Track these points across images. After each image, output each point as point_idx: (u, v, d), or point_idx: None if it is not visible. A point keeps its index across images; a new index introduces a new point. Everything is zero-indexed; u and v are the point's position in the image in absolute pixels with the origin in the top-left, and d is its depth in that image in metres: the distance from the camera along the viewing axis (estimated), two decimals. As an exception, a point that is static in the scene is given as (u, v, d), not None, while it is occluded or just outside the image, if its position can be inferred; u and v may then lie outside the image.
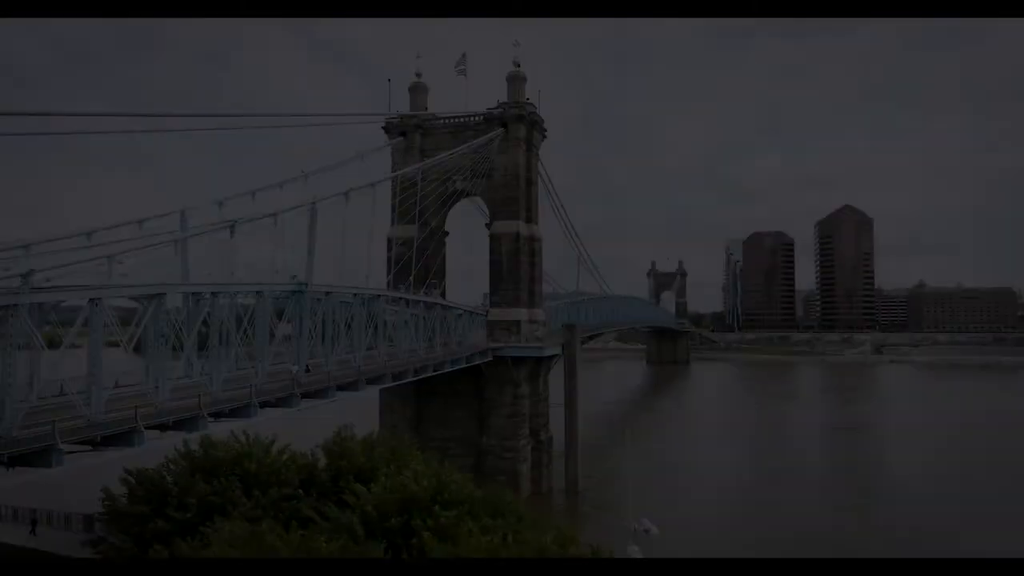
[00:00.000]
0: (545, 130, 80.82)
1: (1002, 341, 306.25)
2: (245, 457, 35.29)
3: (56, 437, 25.87)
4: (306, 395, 41.04)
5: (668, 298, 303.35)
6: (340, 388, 44.08)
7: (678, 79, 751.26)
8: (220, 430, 35.25)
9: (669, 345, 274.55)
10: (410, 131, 79.08)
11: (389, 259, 77.16)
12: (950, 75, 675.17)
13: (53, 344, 29.75)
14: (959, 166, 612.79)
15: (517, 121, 75.76)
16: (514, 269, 75.31)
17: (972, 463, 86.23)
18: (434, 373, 59.08)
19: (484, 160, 75.25)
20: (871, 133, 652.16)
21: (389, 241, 77.99)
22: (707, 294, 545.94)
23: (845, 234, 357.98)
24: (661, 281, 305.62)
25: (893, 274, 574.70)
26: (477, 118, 77.56)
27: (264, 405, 37.67)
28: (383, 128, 79.51)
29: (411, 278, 66.55)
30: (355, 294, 49.43)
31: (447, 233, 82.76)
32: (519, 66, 76.47)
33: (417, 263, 71.06)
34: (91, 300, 29.43)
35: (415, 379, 56.74)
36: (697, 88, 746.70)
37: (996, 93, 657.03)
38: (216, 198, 46.19)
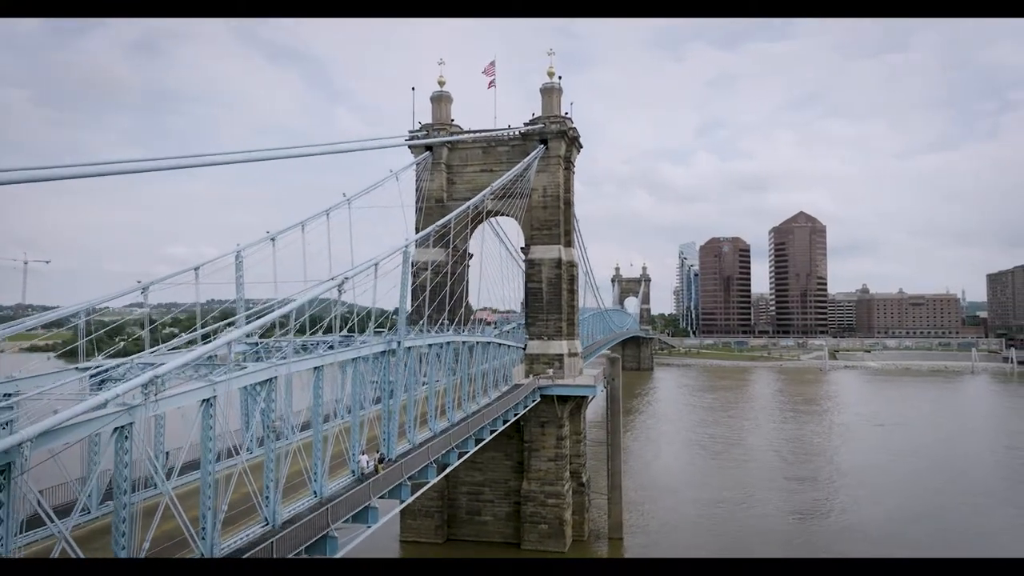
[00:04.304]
0: (581, 146, 75.26)
1: (947, 346, 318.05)
2: None
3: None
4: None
5: (631, 303, 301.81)
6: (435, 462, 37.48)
7: (617, 82, 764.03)
8: (344, 543, 28.18)
9: (633, 352, 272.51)
10: (436, 146, 72.24)
11: (414, 286, 70.32)
12: (873, 82, 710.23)
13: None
14: (885, 169, 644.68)
15: (558, 138, 69.95)
16: (555, 298, 69.49)
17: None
18: (504, 426, 52.72)
19: (520, 179, 69.12)
20: (802, 137, 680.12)
21: (413, 265, 71.01)
22: (658, 296, 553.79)
23: (798, 241, 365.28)
24: (625, 287, 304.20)
25: (833, 276, 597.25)
26: (512, 133, 71.32)
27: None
28: (407, 142, 72.38)
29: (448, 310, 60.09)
30: (435, 343, 42.82)
31: (471, 255, 76.34)
32: (560, 77, 70.60)
33: (440, 288, 64.70)
34: (204, 401, 22.66)
35: (491, 438, 50.26)
36: (635, 92, 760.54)
37: (916, 100, 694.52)
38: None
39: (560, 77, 70.36)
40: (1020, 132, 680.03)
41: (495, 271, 75.98)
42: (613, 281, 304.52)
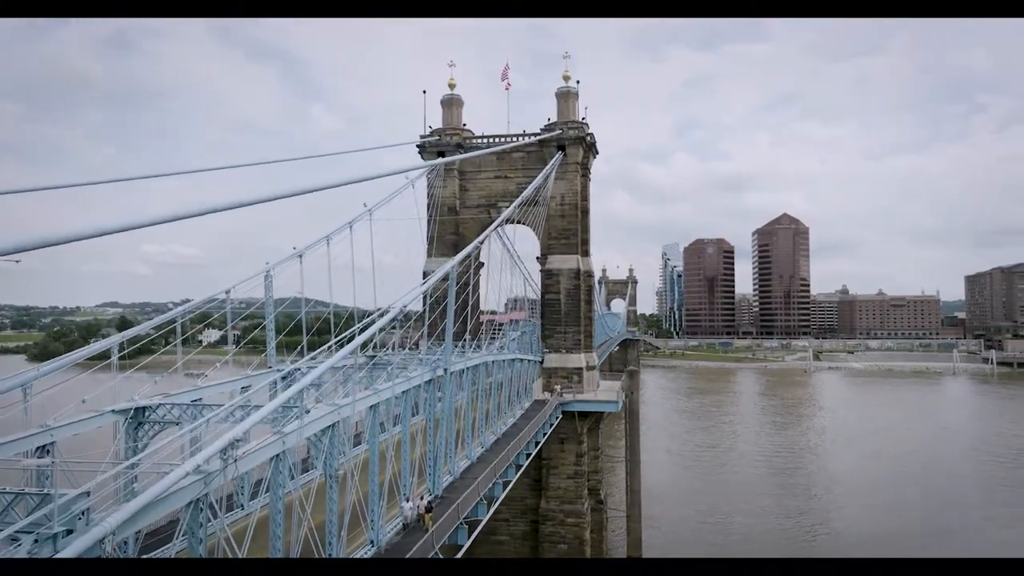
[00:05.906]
0: (597, 151, 73.14)
1: (928, 347, 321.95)
2: None
3: None
4: (458, 517, 31.94)
5: (617, 305, 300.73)
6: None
7: (594, 82, 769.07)
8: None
9: (619, 354, 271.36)
10: (449, 151, 69.60)
11: (424, 295, 67.64)
12: (847, 84, 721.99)
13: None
14: (859, 170, 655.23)
15: (575, 144, 67.72)
16: (573, 310, 67.30)
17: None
18: (536, 448, 50.42)
19: (539, 187, 66.73)
20: (778, 138, 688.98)
21: (424, 275, 68.38)
22: (639, 296, 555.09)
23: (782, 242, 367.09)
24: (611, 288, 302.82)
25: (811, 276, 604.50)
26: (529, 138, 68.92)
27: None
28: (418, 147, 69.74)
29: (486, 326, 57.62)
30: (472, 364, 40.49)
31: (482, 264, 73.84)
32: (578, 82, 68.40)
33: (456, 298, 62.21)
34: (274, 458, 20.14)
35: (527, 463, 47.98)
36: (613, 92, 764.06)
37: (888, 102, 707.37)
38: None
39: (578, 81, 68.34)
40: (986, 135, 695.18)
41: (498, 276, 73.71)
42: (600, 283, 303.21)
